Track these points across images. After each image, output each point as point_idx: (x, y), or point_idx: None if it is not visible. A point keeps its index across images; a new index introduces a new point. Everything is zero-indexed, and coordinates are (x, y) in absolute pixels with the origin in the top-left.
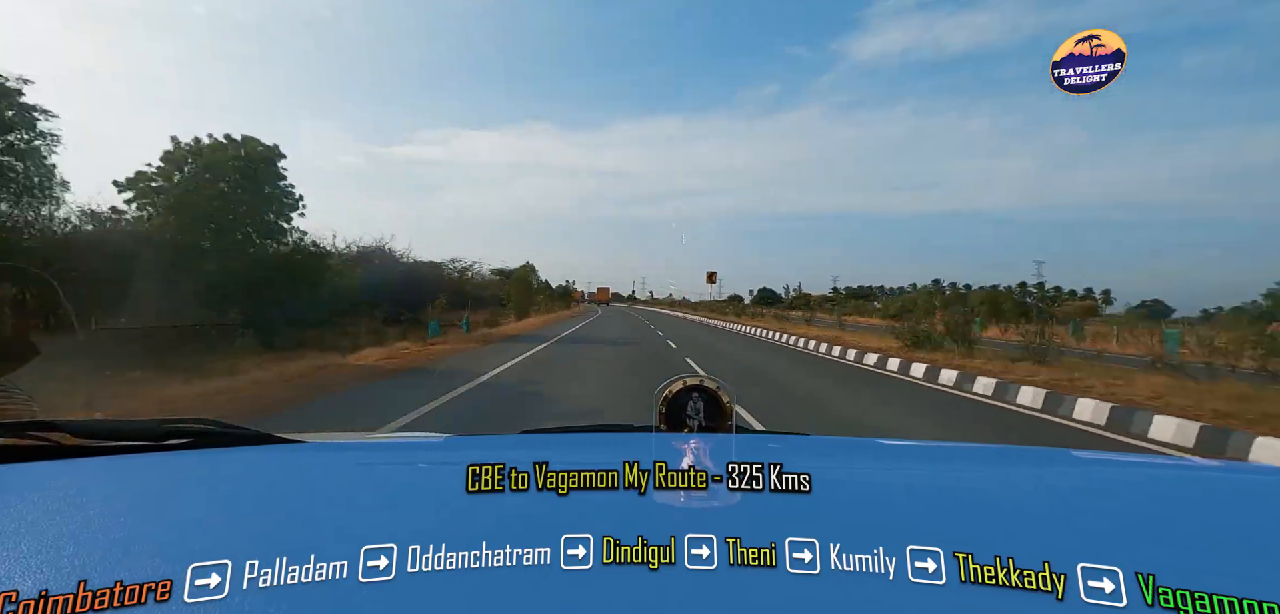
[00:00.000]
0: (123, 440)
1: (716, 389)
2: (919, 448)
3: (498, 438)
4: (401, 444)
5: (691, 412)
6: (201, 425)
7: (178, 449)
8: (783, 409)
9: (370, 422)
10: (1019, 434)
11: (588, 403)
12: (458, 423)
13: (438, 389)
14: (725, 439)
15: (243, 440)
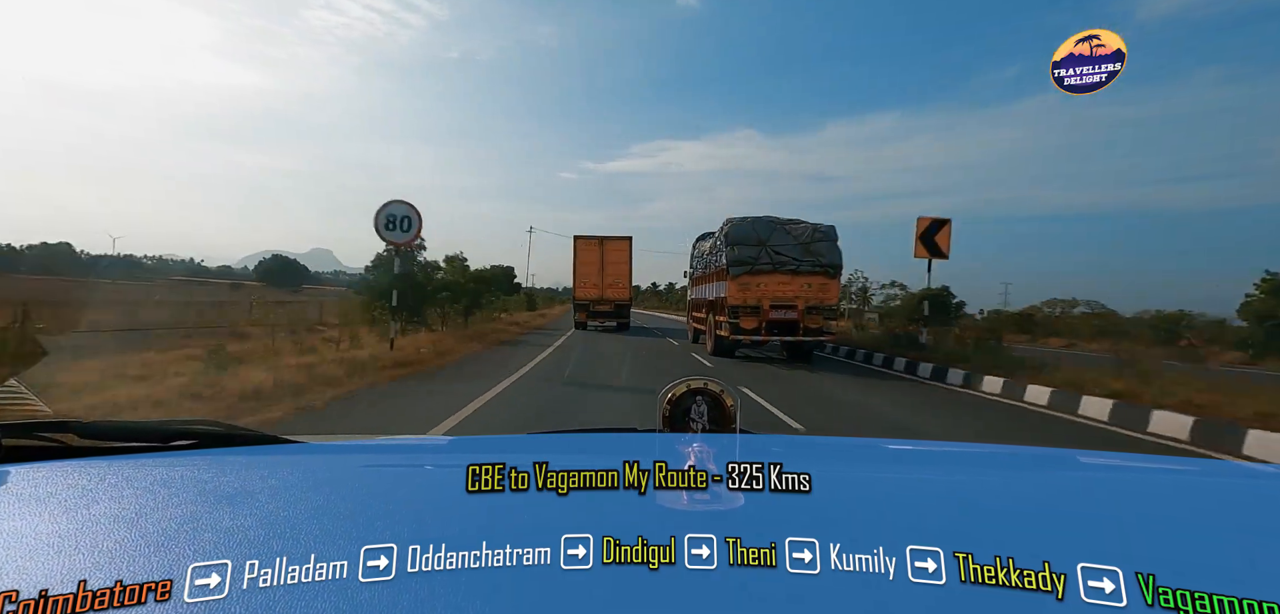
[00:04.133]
0: (129, 441)
1: (720, 391)
2: (919, 449)
3: (498, 438)
4: (402, 445)
5: (695, 414)
6: (206, 427)
7: (182, 450)
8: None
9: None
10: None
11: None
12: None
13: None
14: (726, 440)
15: (246, 441)
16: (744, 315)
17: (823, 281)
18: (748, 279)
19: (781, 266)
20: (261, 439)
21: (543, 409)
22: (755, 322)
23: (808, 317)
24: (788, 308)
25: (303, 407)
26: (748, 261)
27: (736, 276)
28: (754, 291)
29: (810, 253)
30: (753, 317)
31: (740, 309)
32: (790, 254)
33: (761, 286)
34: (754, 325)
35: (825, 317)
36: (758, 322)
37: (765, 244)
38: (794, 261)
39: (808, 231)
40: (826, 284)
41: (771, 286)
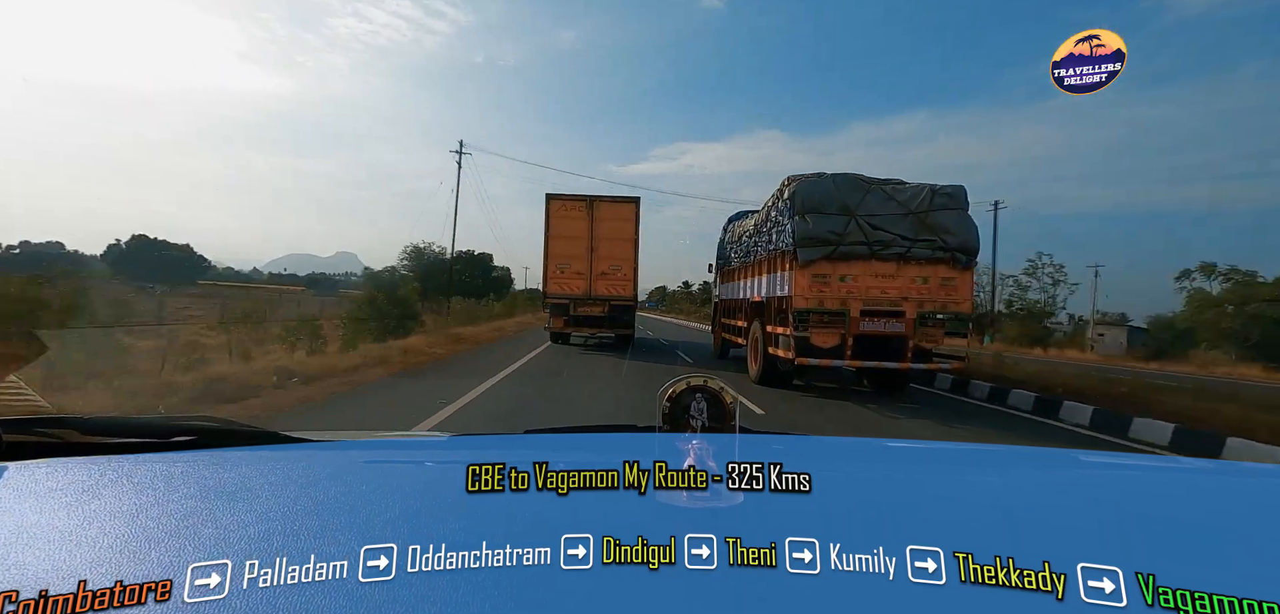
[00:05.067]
0: (129, 437)
1: (719, 389)
2: (919, 448)
3: (498, 438)
4: (402, 443)
5: (695, 412)
6: (206, 424)
7: (182, 448)
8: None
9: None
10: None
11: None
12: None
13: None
14: (726, 439)
15: (246, 439)
16: (818, 326)
17: (947, 274)
18: (826, 268)
19: (881, 251)
20: (261, 437)
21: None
22: (836, 336)
23: (920, 331)
24: (890, 316)
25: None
26: (827, 241)
27: (808, 263)
28: (836, 289)
29: (928, 228)
30: (832, 328)
31: (812, 316)
32: (894, 231)
33: (848, 281)
34: (834, 342)
35: (951, 330)
36: (840, 336)
37: (854, 214)
38: (902, 243)
39: (922, 195)
40: (954, 278)
41: (865, 281)
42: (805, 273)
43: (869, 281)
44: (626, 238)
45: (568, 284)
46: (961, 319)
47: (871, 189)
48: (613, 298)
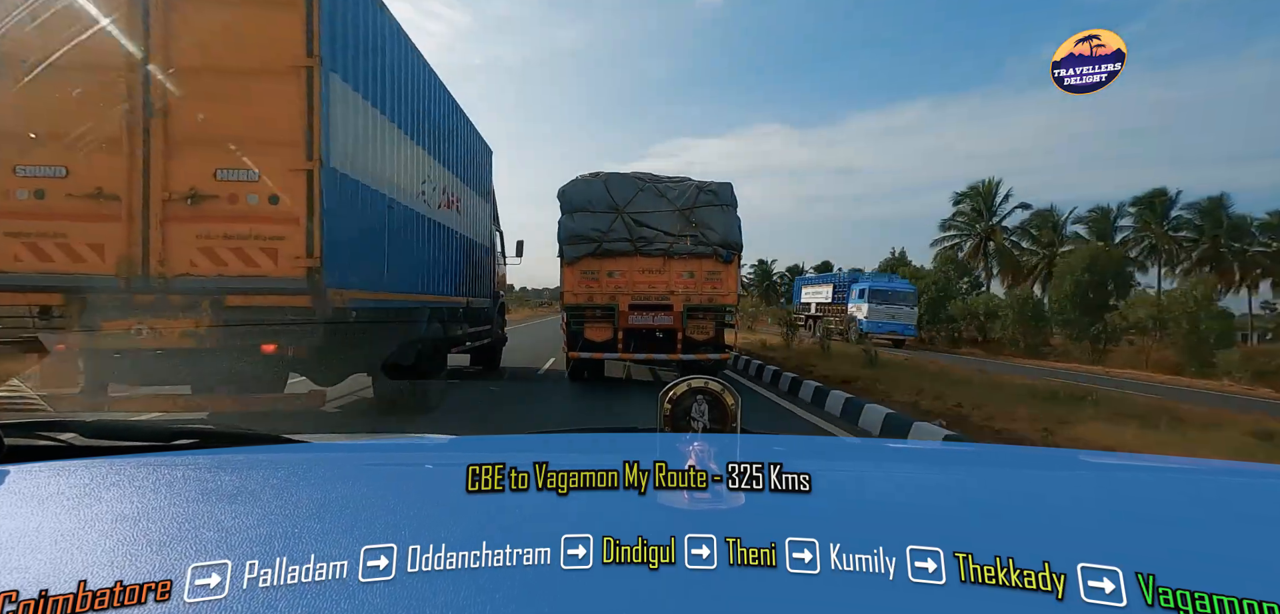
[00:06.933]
0: (130, 440)
1: (721, 391)
2: (919, 449)
3: (498, 438)
4: (402, 444)
5: (696, 413)
6: (206, 426)
7: (183, 449)
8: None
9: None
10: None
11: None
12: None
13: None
14: (726, 440)
15: (247, 441)
16: (591, 321)
17: (712, 268)
18: (592, 264)
19: (645, 247)
20: (262, 438)
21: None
22: (607, 331)
23: (691, 323)
24: (658, 309)
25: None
26: (591, 238)
27: (574, 260)
28: (605, 284)
29: (692, 224)
30: (602, 324)
31: (584, 312)
32: (660, 227)
33: (617, 276)
34: (605, 337)
35: (717, 323)
36: (611, 331)
37: (622, 212)
38: (666, 239)
39: (688, 192)
40: (718, 272)
41: (631, 276)
42: (573, 270)
43: (636, 276)
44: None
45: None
46: (725, 312)
47: (644, 187)
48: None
